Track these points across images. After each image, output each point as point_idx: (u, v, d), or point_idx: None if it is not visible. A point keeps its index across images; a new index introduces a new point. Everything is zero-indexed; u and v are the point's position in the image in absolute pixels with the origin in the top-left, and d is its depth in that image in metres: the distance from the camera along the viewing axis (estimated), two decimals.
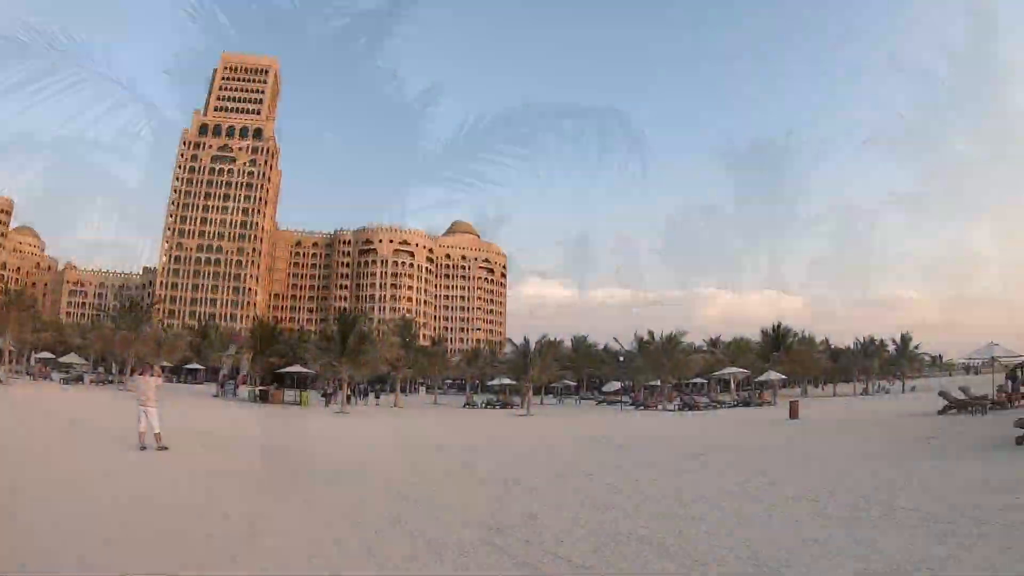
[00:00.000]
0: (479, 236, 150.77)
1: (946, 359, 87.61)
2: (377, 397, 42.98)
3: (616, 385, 51.87)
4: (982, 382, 28.04)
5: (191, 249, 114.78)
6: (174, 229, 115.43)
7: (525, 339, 36.84)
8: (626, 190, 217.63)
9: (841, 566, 4.50)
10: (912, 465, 9.33)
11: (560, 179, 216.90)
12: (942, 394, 20.70)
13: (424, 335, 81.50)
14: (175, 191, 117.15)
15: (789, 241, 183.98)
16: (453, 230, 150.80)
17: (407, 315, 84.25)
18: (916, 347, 62.60)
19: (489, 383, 52.67)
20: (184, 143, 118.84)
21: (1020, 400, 19.09)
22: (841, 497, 7.11)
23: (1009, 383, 22.61)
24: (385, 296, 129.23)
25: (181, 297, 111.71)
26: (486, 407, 39.65)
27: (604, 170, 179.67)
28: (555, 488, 8.30)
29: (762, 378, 41.59)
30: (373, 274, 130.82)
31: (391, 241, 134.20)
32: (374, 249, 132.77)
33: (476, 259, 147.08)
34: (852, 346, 58.82)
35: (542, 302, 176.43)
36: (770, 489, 7.89)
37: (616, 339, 54.66)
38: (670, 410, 32.93)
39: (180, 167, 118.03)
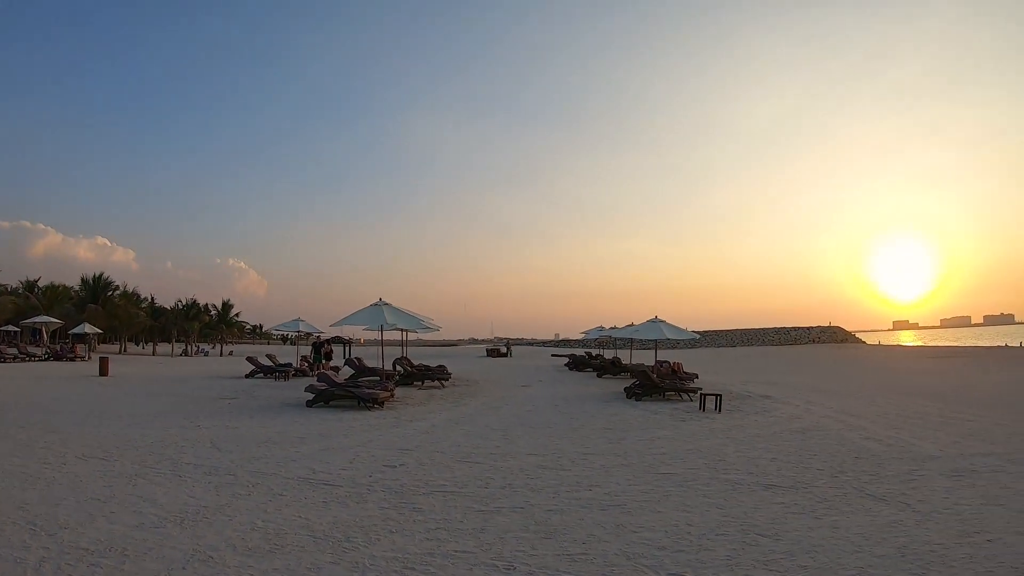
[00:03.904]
0: None
1: (265, 328, 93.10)
2: None
3: None
4: (293, 351, 29.75)
5: None
6: None
7: None
8: None
9: (119, 520, 4.80)
10: (201, 422, 10.19)
11: None
12: (250, 359, 21.86)
13: None
14: None
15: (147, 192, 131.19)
16: None
17: None
18: (237, 315, 62.64)
19: None
20: None
21: (320, 369, 19.68)
22: (130, 454, 7.43)
23: (313, 353, 24.66)
24: None
25: None
26: None
27: None
28: None
29: (77, 330, 38.14)
30: None
31: None
32: None
33: None
34: (175, 307, 56.87)
35: None
36: (61, 448, 7.78)
37: None
38: None
39: None
